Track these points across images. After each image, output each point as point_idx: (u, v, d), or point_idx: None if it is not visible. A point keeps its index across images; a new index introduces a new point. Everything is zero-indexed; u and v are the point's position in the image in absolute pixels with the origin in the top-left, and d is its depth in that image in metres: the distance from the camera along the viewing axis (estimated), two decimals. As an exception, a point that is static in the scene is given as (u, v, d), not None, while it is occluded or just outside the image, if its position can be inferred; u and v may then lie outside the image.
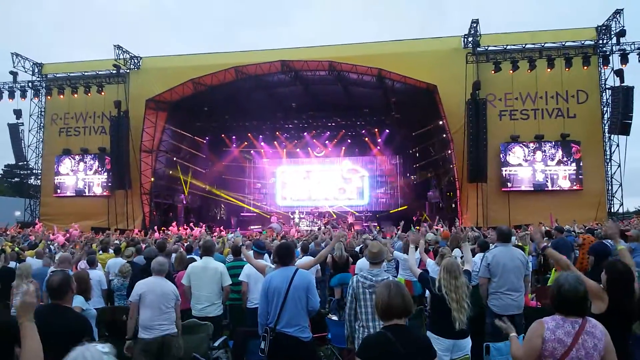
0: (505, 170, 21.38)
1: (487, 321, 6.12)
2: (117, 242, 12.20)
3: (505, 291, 5.95)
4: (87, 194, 25.46)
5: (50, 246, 11.97)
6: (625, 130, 19.94)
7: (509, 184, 21.33)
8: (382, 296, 3.12)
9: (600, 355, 2.99)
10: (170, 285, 5.66)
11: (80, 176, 25.63)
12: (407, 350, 2.89)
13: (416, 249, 6.03)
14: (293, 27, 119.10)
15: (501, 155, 21.38)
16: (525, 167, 21.33)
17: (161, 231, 20.56)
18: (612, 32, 20.46)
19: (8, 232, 18.41)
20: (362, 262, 7.48)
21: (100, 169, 25.35)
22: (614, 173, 21.48)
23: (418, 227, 16.22)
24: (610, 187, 21.53)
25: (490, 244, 7.55)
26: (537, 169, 21.31)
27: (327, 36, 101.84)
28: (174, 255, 8.92)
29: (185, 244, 11.20)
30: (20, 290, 5.58)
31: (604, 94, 21.38)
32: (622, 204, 21.97)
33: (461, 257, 6.42)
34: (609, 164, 21.53)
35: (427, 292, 5.80)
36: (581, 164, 20.97)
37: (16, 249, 10.70)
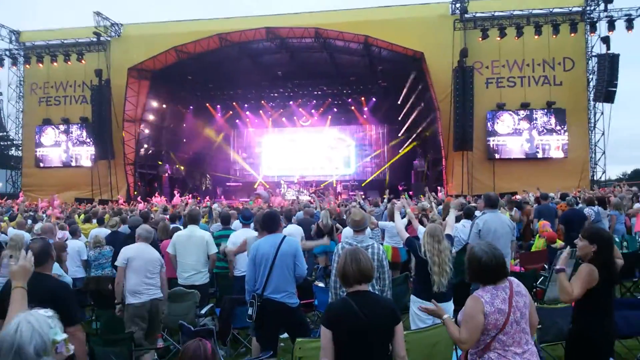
0: (493, 140, 21.43)
1: (472, 287, 6.19)
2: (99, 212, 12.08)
3: None
4: (70, 164, 25.10)
5: (31, 217, 11.81)
6: (609, 98, 20.00)
7: (496, 154, 21.41)
8: (339, 264, 3.13)
9: (528, 311, 3.04)
10: (155, 252, 5.72)
11: (62, 147, 25.19)
12: (368, 315, 2.91)
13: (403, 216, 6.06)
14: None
15: (487, 123, 21.40)
16: (513, 135, 21.38)
17: (145, 202, 20.45)
18: (600, -1, 20.33)
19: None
20: (348, 230, 7.50)
21: (83, 139, 24.92)
22: (598, 141, 21.68)
23: (404, 196, 16.31)
24: (593, 155, 21.75)
25: (476, 212, 7.60)
26: (524, 137, 21.38)
27: (313, 1, 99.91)
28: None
29: (170, 214, 11.12)
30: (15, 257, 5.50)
31: (590, 61, 21.36)
32: (604, 172, 22.32)
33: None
34: (593, 131, 21.69)
35: (413, 258, 5.86)
36: (567, 132, 21.10)
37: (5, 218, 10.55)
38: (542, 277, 7.49)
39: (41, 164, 25.37)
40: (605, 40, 19.93)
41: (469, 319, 2.99)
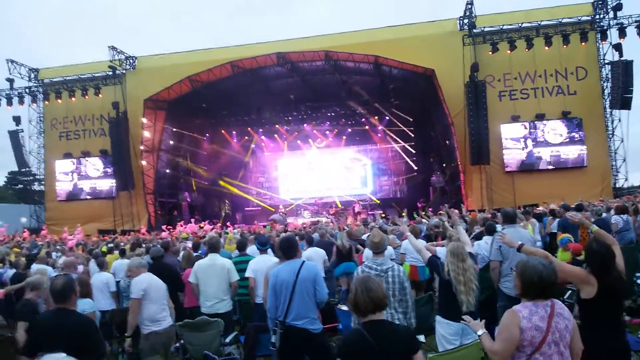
0: (508, 152, 21.27)
1: (498, 304, 6.10)
2: (121, 243, 12.22)
3: None
4: (91, 197, 25.51)
5: (58, 250, 11.99)
6: (626, 104, 19.79)
7: (511, 165, 21.22)
8: (351, 295, 3.07)
9: (570, 335, 2.99)
10: (161, 281, 5.91)
11: (84, 180, 25.65)
12: (383, 346, 2.86)
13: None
14: (288, 17, 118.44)
15: (503, 135, 21.27)
16: (529, 147, 21.21)
17: (168, 229, 20.59)
18: (609, 6, 20.27)
19: (19, 238, 18.45)
20: (368, 252, 7.48)
21: (104, 171, 25.35)
22: (617, 148, 21.39)
23: (424, 212, 16.22)
24: (614, 163, 21.43)
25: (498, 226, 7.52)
26: (540, 149, 21.19)
27: (323, 25, 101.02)
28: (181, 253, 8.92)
29: (192, 243, 11.19)
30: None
31: (603, 69, 21.21)
32: (626, 179, 21.93)
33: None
34: (612, 139, 21.41)
35: (437, 277, 5.79)
36: (584, 141, 20.85)
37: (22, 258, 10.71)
38: (570, 292, 7.32)
39: (63, 198, 25.81)
40: (618, 48, 19.82)
41: (504, 331, 2.98)
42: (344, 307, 6.96)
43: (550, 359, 2.90)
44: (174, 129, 26.79)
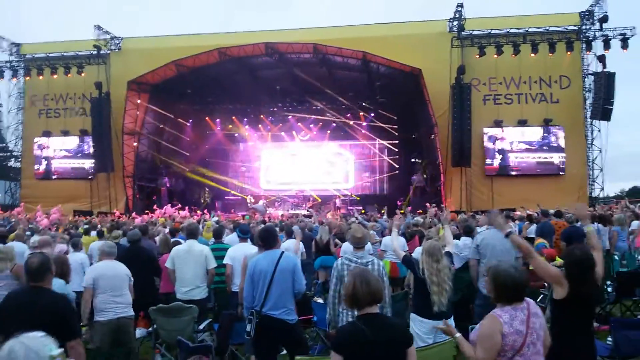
0: (489, 155, 21.52)
1: (476, 303, 6.20)
2: (98, 225, 12.04)
3: None
4: (69, 176, 25.08)
5: (30, 229, 11.77)
6: (606, 115, 20.16)
7: (493, 168, 21.49)
8: (348, 287, 3.07)
9: (543, 332, 3.05)
10: (123, 267, 5.74)
11: (62, 159, 25.19)
12: (378, 339, 2.87)
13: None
14: (278, 10, 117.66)
15: (485, 139, 21.50)
16: (509, 151, 21.49)
17: (146, 214, 20.36)
18: (595, 18, 20.56)
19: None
20: (347, 246, 7.51)
21: (82, 152, 24.93)
22: (595, 158, 21.78)
23: (402, 211, 16.34)
24: (591, 172, 21.83)
25: (477, 228, 7.62)
26: (520, 154, 21.48)
27: (312, 18, 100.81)
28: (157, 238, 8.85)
29: (168, 228, 11.10)
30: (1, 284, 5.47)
31: (586, 79, 21.55)
32: (602, 189, 22.37)
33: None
34: (591, 149, 21.80)
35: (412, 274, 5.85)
36: (564, 149, 21.20)
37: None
38: (542, 295, 7.48)
39: (40, 176, 25.34)
40: (601, 59, 20.13)
41: (485, 339, 2.98)
42: (320, 300, 7.01)
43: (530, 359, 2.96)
44: (157, 113, 26.44)
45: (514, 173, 21.51)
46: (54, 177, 25.19)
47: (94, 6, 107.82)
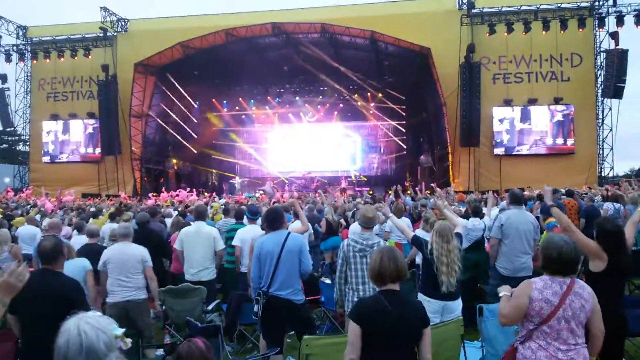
0: (499, 135, 21.33)
1: (490, 282, 6.18)
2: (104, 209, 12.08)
3: (517, 254, 5.98)
4: (77, 159, 25.22)
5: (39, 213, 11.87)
6: (618, 93, 19.83)
7: (502, 148, 21.31)
8: (374, 262, 3.10)
9: (586, 316, 3.03)
10: (136, 249, 5.64)
11: (70, 142, 25.30)
12: (400, 314, 2.91)
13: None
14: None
15: (494, 119, 21.29)
16: (518, 131, 21.27)
17: (154, 196, 20.47)
18: (609, -7, 20.15)
19: (1, 198, 18.23)
20: (355, 226, 7.50)
21: (90, 135, 25.01)
22: (606, 137, 21.51)
23: (409, 192, 16.28)
24: (601, 151, 21.60)
25: (483, 209, 7.55)
26: (530, 133, 21.26)
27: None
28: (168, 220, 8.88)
29: (179, 210, 11.14)
30: (4, 265, 5.54)
31: (598, 57, 21.16)
32: (612, 168, 22.14)
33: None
34: (601, 127, 21.52)
35: (420, 254, 5.85)
36: (573, 128, 20.95)
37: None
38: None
39: (48, 159, 25.50)
40: (614, 36, 19.75)
41: (514, 297, 3.15)
42: (327, 280, 7.03)
43: (559, 334, 2.98)
44: (164, 95, 26.40)
45: (523, 152, 21.31)
46: (62, 160, 25.33)
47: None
